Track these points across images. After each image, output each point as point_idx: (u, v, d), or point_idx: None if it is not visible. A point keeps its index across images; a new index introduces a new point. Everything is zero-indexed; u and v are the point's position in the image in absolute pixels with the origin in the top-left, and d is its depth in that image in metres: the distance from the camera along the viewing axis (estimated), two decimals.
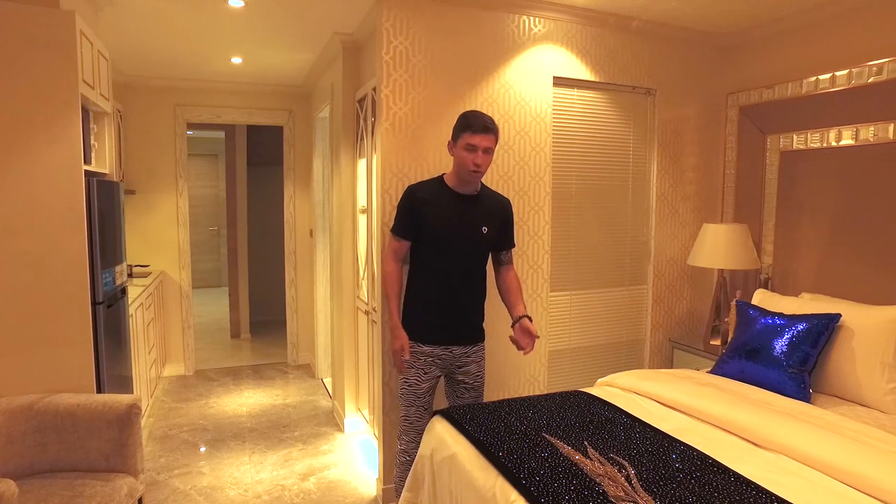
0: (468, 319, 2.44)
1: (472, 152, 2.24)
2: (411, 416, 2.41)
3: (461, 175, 2.31)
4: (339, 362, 3.82)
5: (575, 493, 1.52)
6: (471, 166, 2.25)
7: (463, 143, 2.25)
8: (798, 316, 2.50)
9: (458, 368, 2.43)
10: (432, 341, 2.37)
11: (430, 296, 2.37)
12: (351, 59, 3.45)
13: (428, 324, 2.37)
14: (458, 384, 2.46)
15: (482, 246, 2.40)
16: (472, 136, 2.23)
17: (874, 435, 1.92)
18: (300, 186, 5.11)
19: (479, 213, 2.37)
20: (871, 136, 2.72)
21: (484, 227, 2.37)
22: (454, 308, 2.39)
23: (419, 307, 2.39)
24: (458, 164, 2.29)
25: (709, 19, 3.13)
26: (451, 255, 2.34)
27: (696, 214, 3.48)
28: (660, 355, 3.45)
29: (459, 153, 2.27)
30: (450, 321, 2.39)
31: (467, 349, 2.42)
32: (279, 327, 6.05)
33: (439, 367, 2.40)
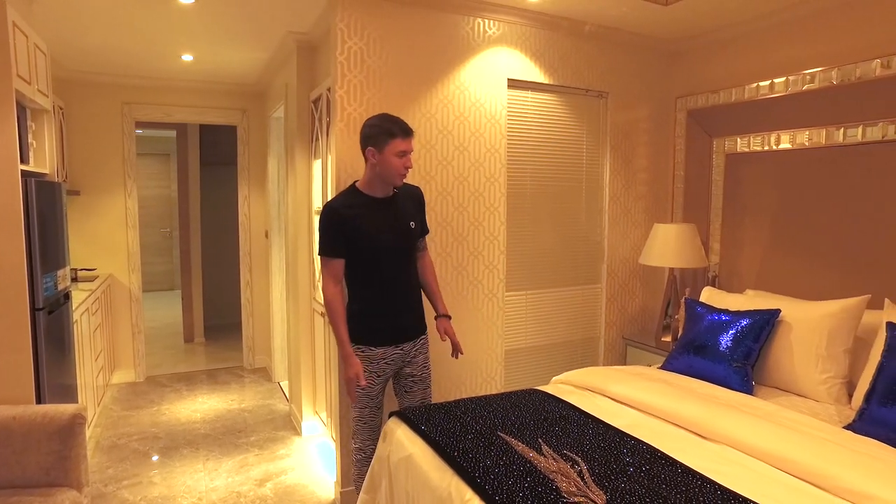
0: (412, 314, 2.47)
1: (402, 157, 2.25)
2: (365, 416, 2.42)
3: (387, 180, 2.30)
4: (295, 365, 3.77)
5: (529, 490, 1.55)
6: (402, 171, 2.27)
7: (392, 150, 2.23)
8: (742, 312, 2.60)
9: (407, 363, 2.46)
10: (384, 343, 2.38)
11: (374, 302, 2.37)
12: (305, 59, 3.42)
13: (378, 329, 2.37)
14: (406, 378, 2.48)
15: (412, 241, 2.43)
16: (402, 141, 2.24)
17: (808, 423, 2.02)
18: (255, 187, 5.02)
19: (402, 211, 2.40)
20: (807, 140, 2.85)
21: (411, 222, 2.40)
22: (398, 306, 2.41)
23: (366, 315, 2.37)
24: (386, 170, 2.27)
25: (658, 26, 3.23)
26: (388, 259, 2.35)
27: (648, 214, 3.58)
28: (613, 352, 3.54)
29: (388, 160, 2.24)
30: (396, 320, 2.41)
31: (415, 342, 2.46)
32: (234, 331, 5.92)
33: (392, 367, 2.43)
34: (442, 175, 2.89)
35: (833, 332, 2.38)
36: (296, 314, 3.68)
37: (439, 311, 2.54)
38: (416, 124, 2.80)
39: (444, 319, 2.52)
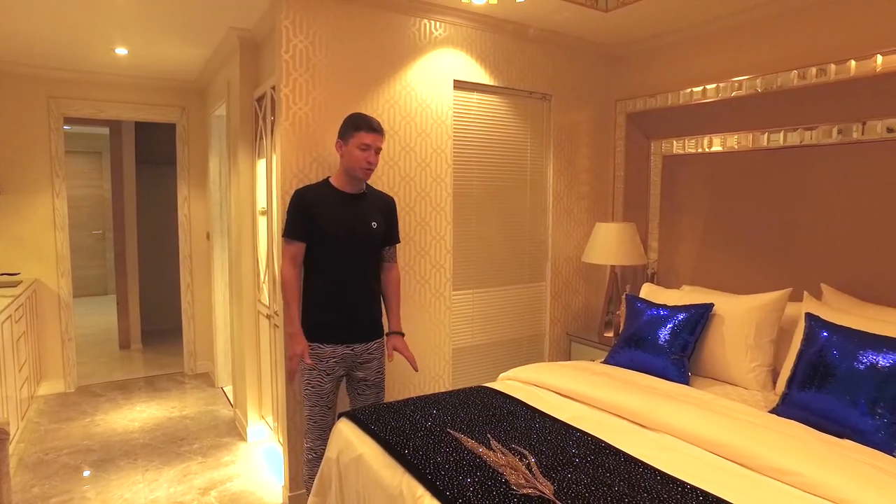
0: (367, 316, 2.48)
1: (365, 151, 2.32)
2: (315, 415, 2.41)
3: (352, 173, 2.37)
4: (240, 369, 3.68)
5: (479, 484, 1.58)
6: (364, 164, 2.33)
7: (356, 143, 2.31)
8: (679, 307, 2.72)
9: (360, 365, 2.47)
10: (334, 341, 2.39)
11: (328, 296, 2.39)
12: (249, 56, 3.34)
13: (329, 324, 2.39)
14: (360, 382, 2.50)
15: (373, 241, 2.46)
16: (366, 134, 2.31)
17: (738, 409, 2.15)
18: (195, 187, 4.86)
19: (367, 210, 2.44)
20: (736, 143, 3.02)
21: (373, 222, 2.44)
22: (353, 306, 2.43)
23: (318, 308, 2.40)
24: (350, 162, 2.34)
25: (599, 31, 3.34)
26: (345, 254, 2.38)
27: (590, 214, 3.69)
28: (558, 348, 3.63)
29: (352, 152, 2.33)
30: (349, 319, 2.42)
31: (368, 345, 2.47)
32: (174, 335, 5.71)
33: (342, 366, 2.43)
34: (389, 175, 2.89)
35: (760, 324, 2.54)
36: (240, 317, 3.60)
37: (391, 327, 2.57)
38: None
39: (396, 336, 2.55)
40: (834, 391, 2.01)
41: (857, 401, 1.94)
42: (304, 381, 2.42)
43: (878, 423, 1.88)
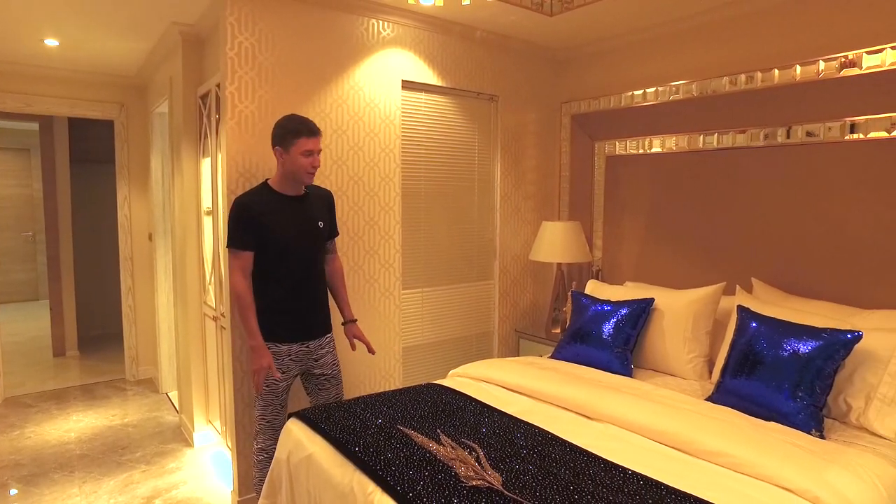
0: (318, 312, 2.51)
1: (309, 157, 2.31)
2: (269, 414, 2.41)
3: (296, 179, 2.36)
4: (185, 373, 3.58)
5: (429, 478, 1.61)
6: (309, 169, 2.33)
7: (299, 149, 2.29)
8: (622, 302, 2.83)
9: (315, 362, 2.49)
10: (289, 339, 2.40)
11: (279, 298, 2.39)
12: (192, 53, 3.26)
13: (283, 324, 2.39)
14: (318, 378, 2.52)
15: (320, 240, 2.49)
16: (308, 140, 2.29)
17: (676, 398, 2.26)
18: (136, 187, 4.68)
19: (311, 210, 2.45)
20: (674, 145, 3.16)
21: (320, 221, 2.46)
22: (304, 304, 2.44)
23: (271, 310, 2.38)
24: (294, 169, 2.32)
25: (544, 35, 3.42)
26: (295, 256, 2.39)
27: (537, 213, 3.78)
28: (507, 345, 3.70)
29: (296, 159, 2.30)
30: (302, 317, 2.44)
31: (320, 341, 2.50)
32: (115, 341, 5.49)
33: (297, 364, 2.45)
34: (337, 175, 2.89)
35: (697, 317, 2.67)
36: (185, 320, 3.50)
37: (346, 317, 2.63)
38: None
39: (352, 325, 2.63)
40: (762, 378, 2.14)
41: (781, 386, 2.08)
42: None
43: (798, 406, 2.02)
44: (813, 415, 2.01)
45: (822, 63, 2.52)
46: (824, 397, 2.05)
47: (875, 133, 2.40)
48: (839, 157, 2.52)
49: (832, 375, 2.06)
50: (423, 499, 1.50)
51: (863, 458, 1.79)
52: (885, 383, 2.04)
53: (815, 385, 2.04)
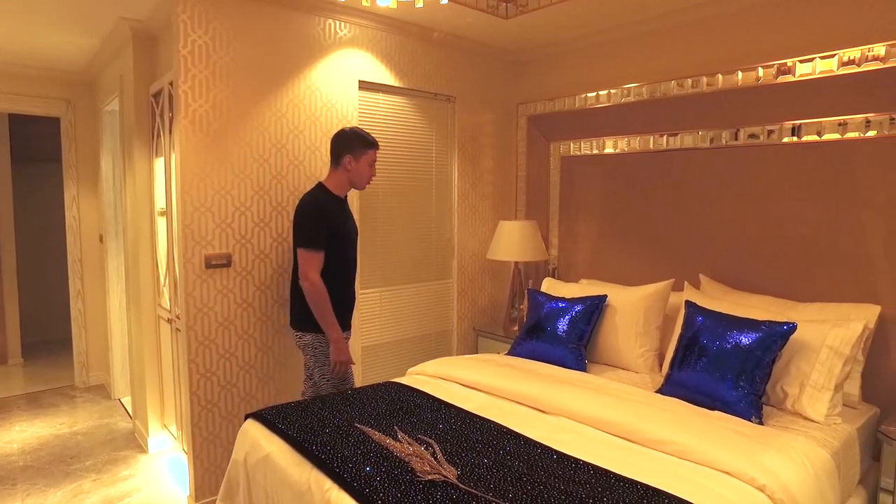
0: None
1: (372, 167, 2.59)
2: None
3: (355, 185, 2.60)
4: (139, 378, 3.50)
5: (386, 474, 1.63)
6: (370, 178, 2.61)
7: (368, 160, 2.55)
8: (576, 299, 2.91)
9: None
10: (346, 328, 2.61)
11: (343, 291, 2.60)
12: (143, 49, 3.19)
13: (344, 315, 2.60)
14: None
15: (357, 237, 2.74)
16: (375, 152, 2.58)
17: (628, 391, 2.34)
18: (85, 187, 4.53)
19: (351, 211, 2.71)
20: (627, 146, 3.26)
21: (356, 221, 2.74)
22: (354, 295, 2.71)
23: (339, 302, 2.55)
24: (358, 176, 2.57)
25: (500, 37, 3.48)
26: (351, 252, 2.64)
27: (494, 212, 3.84)
28: (465, 344, 3.75)
29: (363, 168, 2.55)
30: (351, 308, 2.69)
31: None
32: (63, 347, 5.29)
33: None
34: (294, 175, 2.88)
35: (647, 312, 2.77)
36: (138, 323, 3.42)
37: None
38: (266, 123, 2.76)
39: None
40: (707, 369, 2.24)
41: (725, 376, 2.18)
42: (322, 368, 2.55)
43: (740, 395, 2.12)
44: (753, 402, 2.12)
45: (761, 70, 2.65)
46: (763, 386, 2.16)
47: (808, 136, 2.54)
48: (777, 158, 2.65)
49: (770, 365, 2.17)
50: (380, 494, 1.52)
51: (795, 440, 1.91)
52: (816, 371, 2.16)
53: (755, 374, 2.14)
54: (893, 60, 2.28)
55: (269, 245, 2.82)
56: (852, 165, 2.43)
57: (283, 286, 2.87)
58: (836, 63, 2.42)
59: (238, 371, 2.77)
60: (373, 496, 1.52)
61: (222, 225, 2.67)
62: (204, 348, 2.65)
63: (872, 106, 2.35)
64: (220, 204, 2.66)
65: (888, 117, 2.31)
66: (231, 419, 2.76)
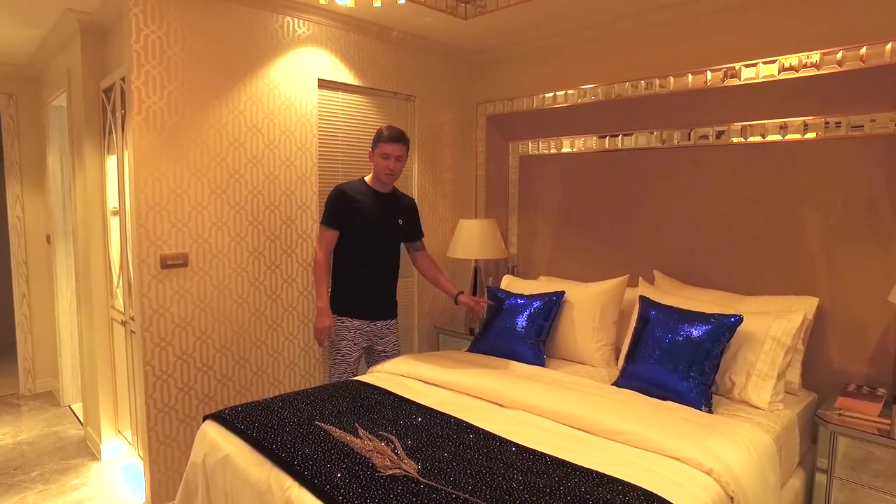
0: (387, 297, 2.88)
1: (386, 159, 2.68)
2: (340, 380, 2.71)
3: (379, 178, 2.75)
4: (91, 383, 3.40)
5: (347, 470, 1.64)
6: (386, 170, 2.70)
7: (379, 152, 2.68)
8: (535, 295, 2.97)
9: (380, 339, 2.86)
10: (360, 316, 2.77)
11: (357, 278, 2.76)
12: (93, 43, 3.09)
13: (357, 302, 2.76)
14: (379, 353, 2.88)
15: (397, 235, 2.87)
16: (385, 145, 2.67)
17: (585, 384, 2.41)
18: (30, 185, 4.35)
19: (394, 209, 2.83)
20: (583, 146, 3.34)
21: (399, 219, 2.84)
22: (377, 288, 2.82)
23: (349, 288, 2.76)
24: (375, 168, 2.73)
25: (460, 37, 3.51)
26: (374, 243, 2.76)
27: (454, 211, 3.88)
28: (427, 342, 3.77)
29: (376, 160, 2.70)
30: (372, 298, 2.81)
31: (387, 322, 2.88)
32: (7, 353, 5.08)
33: (365, 338, 2.80)
34: (252, 173, 2.84)
35: (604, 308, 2.85)
36: (90, 326, 3.32)
37: (453, 293, 2.97)
38: (224, 121, 2.72)
39: (461, 296, 2.96)
40: (660, 361, 2.33)
41: (676, 368, 2.27)
42: (332, 353, 2.78)
43: (691, 385, 2.21)
44: (703, 392, 2.21)
45: (710, 73, 2.75)
46: (712, 376, 2.25)
47: (753, 138, 2.66)
48: (726, 159, 2.76)
49: (719, 356, 2.27)
50: (341, 490, 1.53)
51: (741, 427, 2.00)
52: (760, 360, 2.27)
53: (704, 365, 2.24)
54: (827, 67, 2.41)
55: (227, 244, 2.78)
56: (793, 166, 2.56)
57: (242, 286, 2.84)
58: (777, 68, 2.55)
59: (196, 373, 2.72)
60: (333, 492, 1.53)
61: (178, 224, 2.62)
62: (160, 350, 2.60)
63: (809, 110, 2.48)
64: (176, 203, 2.61)
65: (823, 120, 2.45)
66: (189, 421, 2.71)
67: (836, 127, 2.42)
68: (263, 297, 2.92)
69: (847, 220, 2.43)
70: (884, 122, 2.30)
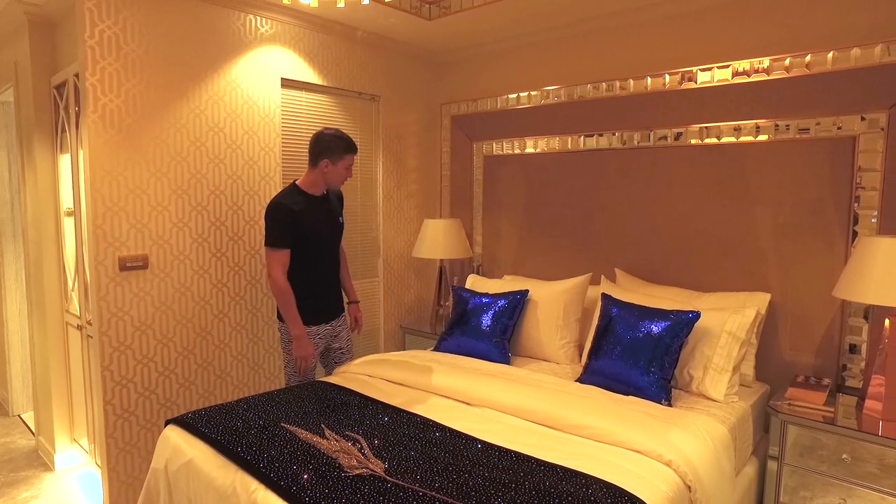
0: (337, 295, 2.85)
1: (349, 170, 2.66)
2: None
3: (331, 185, 2.68)
4: (44, 391, 3.28)
5: (313, 471, 1.63)
6: (345, 179, 2.68)
7: (346, 163, 2.62)
8: (499, 294, 3.00)
9: (334, 338, 2.81)
10: (319, 322, 2.70)
11: (313, 285, 2.66)
12: (42, 37, 2.98)
13: (316, 309, 2.68)
14: (336, 352, 2.84)
15: (340, 233, 2.82)
16: (352, 157, 2.65)
17: (549, 381, 2.45)
18: None
19: (332, 208, 2.76)
20: (546, 146, 3.39)
21: (339, 217, 2.80)
22: (330, 290, 2.78)
23: (307, 298, 2.62)
24: (334, 178, 2.63)
25: (424, 38, 3.53)
26: (324, 248, 2.69)
27: (419, 211, 3.89)
28: (393, 342, 3.77)
29: (339, 171, 2.62)
30: (329, 301, 2.76)
31: (339, 319, 2.82)
32: None
33: (323, 342, 2.75)
34: (214, 173, 2.80)
35: (567, 306, 2.90)
36: (42, 332, 3.21)
37: (352, 298, 2.96)
38: (184, 120, 2.67)
39: (355, 305, 2.96)
40: (622, 357, 2.39)
41: (637, 363, 2.33)
42: (289, 364, 2.68)
43: (651, 379, 2.28)
44: (663, 387, 2.27)
45: (668, 76, 2.84)
46: (672, 371, 2.32)
47: (709, 139, 2.75)
48: (684, 159, 2.85)
49: (678, 351, 2.34)
50: (307, 491, 1.53)
51: (699, 419, 2.08)
52: (717, 354, 2.36)
53: (664, 360, 2.30)
54: (776, 73, 2.52)
55: (189, 245, 2.73)
56: (746, 166, 2.66)
57: (204, 287, 2.79)
58: (730, 73, 2.64)
59: (157, 377, 2.66)
60: (300, 494, 1.52)
61: (137, 225, 2.56)
62: (119, 354, 2.53)
63: (760, 113, 2.59)
64: (135, 203, 2.55)
65: (773, 123, 2.55)
66: (150, 427, 2.65)
67: (786, 129, 2.52)
68: (227, 299, 2.88)
69: (796, 219, 2.54)
70: (827, 125, 2.42)
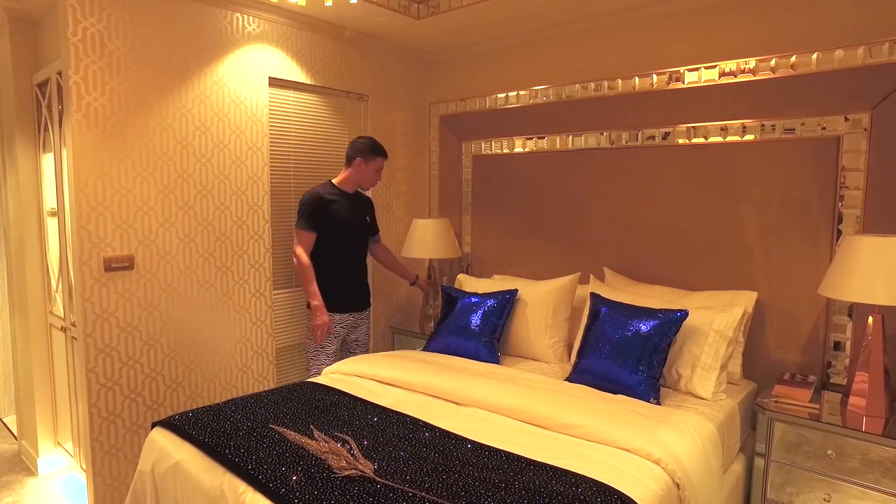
0: (362, 290, 3.13)
1: (378, 172, 3.05)
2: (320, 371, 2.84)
3: (362, 185, 3.07)
4: (27, 394, 3.23)
5: (302, 472, 1.62)
6: (376, 180, 3.08)
7: (376, 165, 3.02)
8: (488, 294, 3.00)
9: (354, 329, 3.10)
10: (341, 310, 2.99)
11: (338, 275, 2.97)
12: (23, 34, 2.94)
13: (338, 297, 2.96)
14: (352, 343, 3.14)
15: (365, 231, 3.13)
16: (382, 159, 3.04)
17: (538, 380, 2.45)
18: None
19: (361, 207, 3.09)
20: (535, 146, 3.40)
21: (367, 216, 3.13)
22: (354, 282, 3.06)
23: (329, 285, 2.92)
24: (365, 178, 3.03)
25: (413, 37, 3.52)
26: (351, 240, 3.02)
27: (408, 210, 3.88)
28: (383, 342, 3.76)
29: (370, 171, 3.01)
30: (352, 292, 3.05)
31: (362, 313, 3.13)
32: None
33: (344, 330, 3.02)
34: (201, 173, 2.77)
35: (556, 305, 2.90)
36: (25, 334, 3.16)
37: (411, 277, 3.48)
38: (170, 119, 2.64)
39: (420, 281, 3.50)
40: (611, 356, 2.39)
41: (626, 362, 2.34)
42: (312, 349, 2.96)
43: (640, 378, 2.29)
44: (652, 385, 2.29)
45: (656, 76, 2.85)
46: (660, 369, 2.33)
47: (696, 139, 2.77)
48: (672, 159, 2.86)
49: (666, 350, 2.35)
50: (296, 493, 1.52)
51: (687, 417, 2.09)
52: (704, 353, 2.37)
53: (653, 359, 2.31)
54: (762, 73, 2.54)
55: (175, 246, 2.70)
56: (733, 166, 2.68)
57: (191, 287, 2.76)
58: (717, 73, 2.66)
59: (143, 379, 2.63)
60: (289, 495, 1.51)
61: (123, 225, 2.53)
62: (104, 356, 2.50)
63: (747, 113, 2.61)
64: (121, 203, 2.52)
65: (760, 123, 2.57)
66: (136, 430, 2.62)
67: (772, 129, 2.55)
68: (214, 300, 2.85)
69: (782, 218, 2.56)
70: (812, 126, 2.44)
